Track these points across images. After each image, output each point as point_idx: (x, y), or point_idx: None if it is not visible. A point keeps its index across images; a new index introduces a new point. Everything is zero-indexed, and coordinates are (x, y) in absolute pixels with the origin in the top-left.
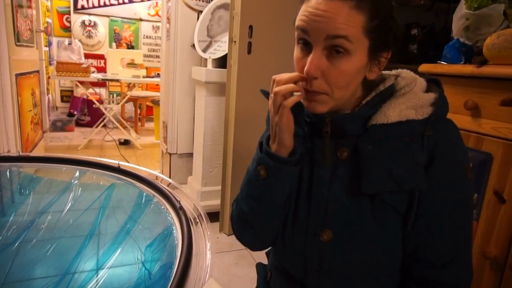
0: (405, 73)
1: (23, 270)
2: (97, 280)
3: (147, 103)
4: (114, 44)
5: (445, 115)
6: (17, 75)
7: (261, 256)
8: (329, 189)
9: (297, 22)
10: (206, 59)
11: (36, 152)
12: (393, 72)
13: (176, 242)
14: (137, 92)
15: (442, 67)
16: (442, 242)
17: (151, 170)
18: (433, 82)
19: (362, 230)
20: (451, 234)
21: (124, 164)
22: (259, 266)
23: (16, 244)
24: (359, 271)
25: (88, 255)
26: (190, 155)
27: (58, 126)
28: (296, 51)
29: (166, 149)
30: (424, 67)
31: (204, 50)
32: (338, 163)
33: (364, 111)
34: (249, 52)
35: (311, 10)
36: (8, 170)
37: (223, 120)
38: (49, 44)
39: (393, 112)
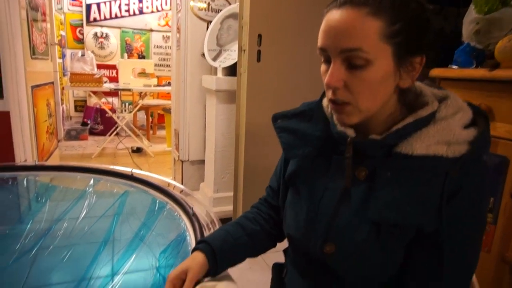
0: (452, 100)
1: (41, 277)
2: (112, 286)
3: (159, 111)
4: (125, 55)
5: (481, 157)
6: (32, 87)
7: (274, 260)
8: (338, 205)
9: (318, 41)
10: (216, 68)
11: (52, 161)
12: (440, 93)
13: (189, 248)
14: (148, 101)
15: (453, 71)
16: (440, 281)
17: (164, 177)
18: (481, 115)
19: (364, 251)
20: (452, 278)
21: (137, 172)
22: (275, 265)
23: (34, 251)
24: (360, 279)
25: (103, 261)
26: (202, 162)
27: (72, 135)
28: (322, 66)
29: (178, 156)
30: (435, 72)
31: (214, 59)
32: (354, 182)
33: (390, 139)
34: (258, 60)
35: (325, 28)
36: (25, 179)
37: (234, 127)
38: (63, 56)
39: (421, 145)
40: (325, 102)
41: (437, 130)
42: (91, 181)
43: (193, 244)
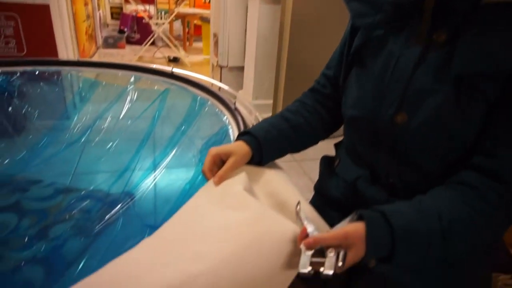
0: None
1: (89, 164)
2: (154, 176)
3: (195, 22)
4: None
5: None
6: None
7: (310, 167)
8: (414, 71)
9: None
10: None
11: None
12: None
13: (232, 139)
14: (185, 9)
15: None
16: None
17: (204, 76)
18: None
19: (440, 116)
20: None
21: (177, 70)
22: (324, 158)
23: (82, 141)
24: (430, 155)
25: (146, 154)
26: (241, 68)
27: (110, 43)
28: None
29: (217, 61)
30: None
31: None
32: (432, 46)
33: None
34: None
35: None
36: (69, 74)
37: (277, 31)
38: None
39: None
40: None
41: None
42: (132, 78)
43: (235, 137)
